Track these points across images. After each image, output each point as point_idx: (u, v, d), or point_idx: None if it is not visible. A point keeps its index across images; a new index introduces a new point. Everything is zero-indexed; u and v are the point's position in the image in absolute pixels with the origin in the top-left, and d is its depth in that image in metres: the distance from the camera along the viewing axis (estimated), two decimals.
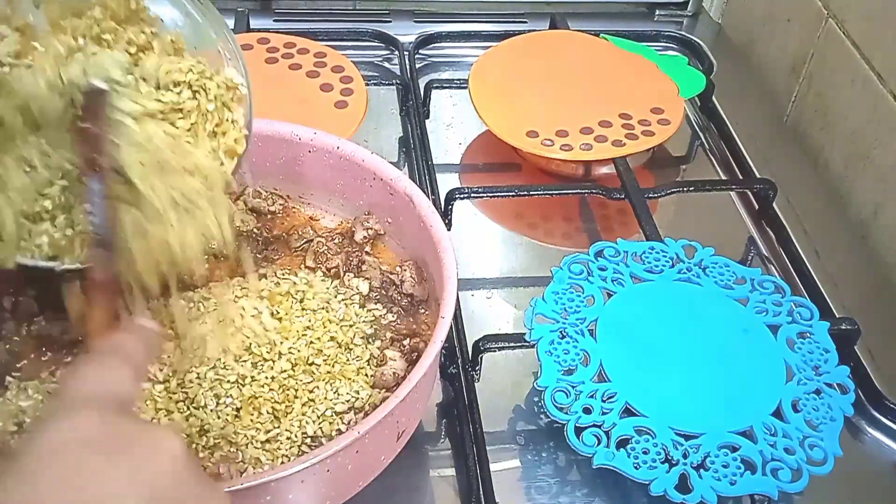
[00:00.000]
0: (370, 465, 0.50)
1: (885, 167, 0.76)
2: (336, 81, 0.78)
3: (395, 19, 0.96)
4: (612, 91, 0.81)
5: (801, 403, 0.54)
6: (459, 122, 0.85)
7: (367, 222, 0.63)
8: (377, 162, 0.61)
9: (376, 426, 0.45)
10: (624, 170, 0.75)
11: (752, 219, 0.78)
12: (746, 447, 0.52)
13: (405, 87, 0.85)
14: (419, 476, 0.56)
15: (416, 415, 0.53)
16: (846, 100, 0.81)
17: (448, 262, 0.54)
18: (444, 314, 0.51)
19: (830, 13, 0.84)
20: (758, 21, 0.97)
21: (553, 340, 0.57)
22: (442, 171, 0.77)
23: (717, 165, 0.84)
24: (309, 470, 0.44)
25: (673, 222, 0.77)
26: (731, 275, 0.62)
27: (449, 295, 0.52)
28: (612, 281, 0.61)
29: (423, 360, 0.48)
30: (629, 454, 0.51)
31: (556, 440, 0.58)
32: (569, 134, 0.76)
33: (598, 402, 0.53)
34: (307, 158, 0.63)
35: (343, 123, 0.73)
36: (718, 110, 0.88)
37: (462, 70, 0.88)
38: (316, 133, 0.62)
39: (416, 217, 0.58)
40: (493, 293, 0.69)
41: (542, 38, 0.90)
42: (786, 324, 0.59)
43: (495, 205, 0.76)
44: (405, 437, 0.51)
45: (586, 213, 0.78)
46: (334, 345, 0.55)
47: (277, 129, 0.63)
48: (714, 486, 0.50)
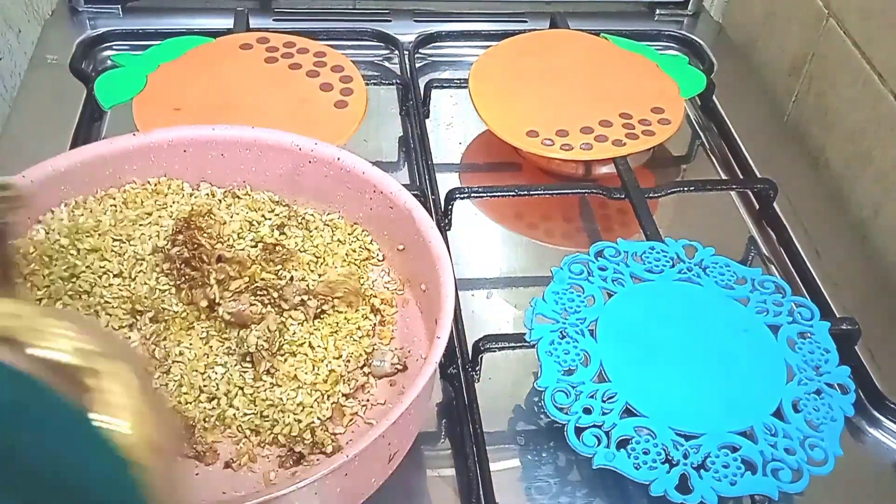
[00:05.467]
0: (360, 488, 0.49)
1: (886, 167, 0.75)
2: (336, 81, 0.78)
3: (395, 19, 0.96)
4: (612, 91, 0.81)
5: (802, 403, 0.54)
6: (459, 122, 0.85)
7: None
8: (378, 174, 0.60)
9: (366, 449, 0.44)
10: (624, 169, 0.74)
11: (752, 219, 0.78)
12: (747, 447, 0.52)
13: (405, 87, 0.85)
14: (419, 476, 0.55)
15: (410, 436, 0.52)
16: (846, 100, 0.81)
17: (446, 281, 0.53)
18: (439, 334, 0.50)
19: (831, 13, 0.84)
20: (758, 21, 0.97)
21: (553, 340, 0.57)
22: (442, 171, 0.77)
23: (717, 165, 0.84)
24: (296, 493, 0.43)
25: (673, 222, 0.77)
26: (731, 275, 0.62)
27: (446, 314, 0.51)
28: (612, 281, 0.61)
29: (417, 381, 0.47)
30: (629, 454, 0.51)
31: (556, 440, 0.58)
32: (569, 133, 0.75)
33: (599, 403, 0.53)
34: (307, 169, 0.63)
35: (343, 123, 0.73)
36: (719, 110, 0.88)
37: (462, 70, 0.88)
38: (317, 144, 0.62)
39: (415, 232, 0.57)
40: (493, 293, 0.68)
41: (542, 38, 0.89)
42: (786, 324, 0.59)
43: (495, 205, 0.76)
44: (397, 458, 0.50)
45: (586, 212, 0.78)
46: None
47: (278, 138, 0.63)
48: (714, 487, 0.50)
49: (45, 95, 0.82)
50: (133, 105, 0.73)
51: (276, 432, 0.51)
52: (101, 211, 0.60)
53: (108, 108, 0.75)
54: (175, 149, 0.63)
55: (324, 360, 0.55)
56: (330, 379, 0.54)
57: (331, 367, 0.54)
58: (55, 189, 0.60)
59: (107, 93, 0.75)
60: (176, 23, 0.89)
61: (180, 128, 0.63)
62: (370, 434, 0.45)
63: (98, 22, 0.90)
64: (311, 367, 0.54)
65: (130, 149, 0.62)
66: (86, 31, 0.89)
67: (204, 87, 0.76)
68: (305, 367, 0.54)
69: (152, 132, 0.63)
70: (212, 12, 0.92)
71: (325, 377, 0.54)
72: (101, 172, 0.62)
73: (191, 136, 0.63)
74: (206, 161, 0.64)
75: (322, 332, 0.56)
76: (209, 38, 0.82)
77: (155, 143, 0.63)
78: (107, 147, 0.62)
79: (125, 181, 0.63)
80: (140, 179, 0.63)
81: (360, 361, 0.56)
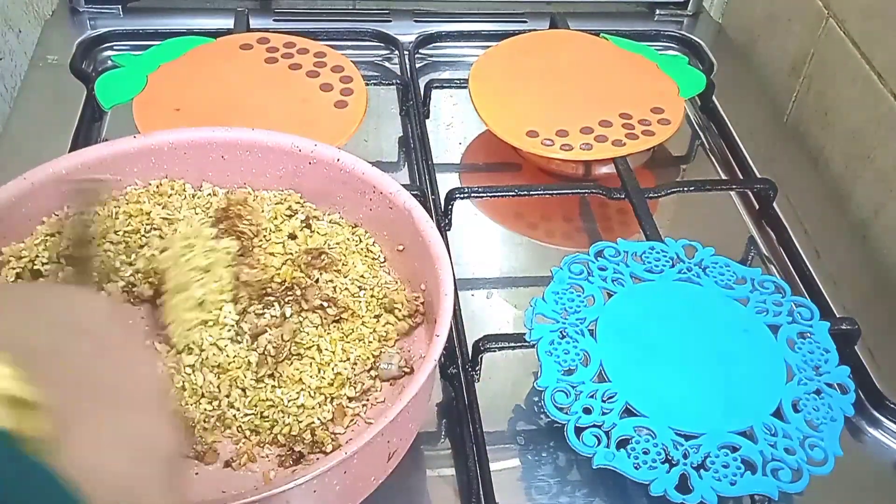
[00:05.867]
0: (359, 486, 0.49)
1: (886, 167, 0.75)
2: (336, 81, 0.78)
3: (395, 19, 0.96)
4: (612, 91, 0.81)
5: (802, 403, 0.54)
6: (459, 122, 0.85)
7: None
8: (377, 175, 0.60)
9: (365, 447, 0.44)
10: (624, 169, 0.74)
11: (752, 219, 0.78)
12: (747, 447, 0.52)
13: (405, 87, 0.85)
14: (418, 476, 0.56)
15: (409, 435, 0.52)
16: (846, 100, 0.81)
17: (445, 280, 0.53)
18: (438, 332, 0.50)
19: (831, 13, 0.84)
20: (758, 21, 0.97)
21: (553, 340, 0.57)
22: (442, 171, 0.77)
23: (717, 165, 0.84)
24: (294, 491, 0.43)
25: (673, 222, 0.77)
26: (731, 275, 0.62)
27: (445, 312, 0.51)
28: (612, 281, 0.61)
29: (416, 378, 0.47)
30: (629, 454, 0.51)
31: (556, 440, 0.58)
32: (569, 134, 0.75)
33: (598, 403, 0.53)
34: (307, 170, 0.63)
35: (343, 123, 0.73)
36: (719, 110, 0.88)
37: (462, 70, 0.88)
38: (317, 145, 0.62)
39: (414, 232, 0.57)
40: (493, 293, 0.68)
41: (542, 38, 0.90)
42: (786, 324, 0.59)
43: (495, 205, 0.76)
44: (397, 457, 0.50)
45: (586, 212, 0.78)
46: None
47: (278, 140, 0.63)
48: (714, 487, 0.50)
49: (45, 96, 0.82)
50: (133, 105, 0.73)
51: (276, 432, 0.51)
52: (107, 215, 0.60)
53: (108, 109, 0.75)
54: (176, 151, 0.63)
55: (330, 363, 0.54)
56: (336, 382, 0.53)
57: (337, 370, 0.54)
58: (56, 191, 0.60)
59: (107, 93, 0.75)
60: (176, 23, 0.90)
61: (181, 130, 0.63)
62: (368, 432, 0.45)
63: (98, 22, 0.91)
64: (317, 371, 0.54)
65: (131, 151, 0.62)
66: (86, 32, 0.89)
67: (204, 88, 0.76)
68: (311, 371, 0.53)
69: (153, 134, 0.63)
70: (212, 12, 0.92)
71: (331, 381, 0.53)
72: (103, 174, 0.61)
73: (191, 138, 0.63)
74: (206, 163, 0.64)
75: (332, 336, 0.55)
76: (209, 38, 0.82)
77: (156, 146, 0.63)
78: (108, 149, 0.62)
79: (126, 183, 0.63)
80: (141, 181, 0.63)
81: (368, 365, 0.55)
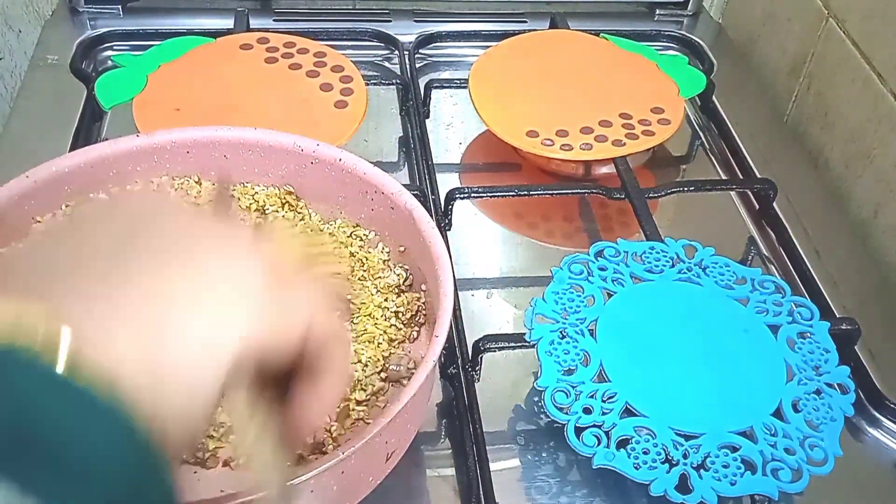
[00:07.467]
0: (357, 487, 0.49)
1: (886, 167, 0.75)
2: (336, 81, 0.78)
3: (395, 19, 0.96)
4: (612, 91, 0.81)
5: (802, 403, 0.54)
6: (459, 122, 0.85)
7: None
8: (379, 175, 0.60)
9: (363, 447, 0.44)
10: (624, 169, 0.74)
11: (752, 219, 0.78)
12: (747, 447, 0.52)
13: (405, 87, 0.85)
14: (418, 476, 0.56)
15: (408, 435, 0.51)
16: (846, 100, 0.81)
17: (445, 281, 0.53)
18: (438, 333, 0.50)
19: (831, 13, 0.84)
20: (758, 21, 0.97)
21: (553, 340, 0.57)
22: (442, 171, 0.77)
23: (717, 165, 0.84)
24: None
25: (673, 222, 0.77)
26: (731, 275, 0.62)
27: (444, 313, 0.51)
28: (612, 281, 0.61)
29: (415, 378, 0.47)
30: (629, 454, 0.51)
31: (556, 440, 0.58)
32: (569, 134, 0.75)
33: (598, 403, 0.53)
34: (309, 170, 0.63)
35: (343, 123, 0.73)
36: (718, 110, 0.88)
37: (462, 70, 0.88)
38: (319, 145, 0.62)
39: (416, 232, 0.57)
40: (493, 293, 0.68)
41: (542, 38, 0.90)
42: (786, 324, 0.59)
43: (495, 205, 0.76)
44: (395, 457, 0.50)
45: (586, 213, 0.78)
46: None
47: (281, 140, 0.63)
48: (714, 487, 0.50)
49: (45, 96, 0.82)
50: (133, 105, 0.73)
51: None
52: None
53: (108, 109, 0.75)
54: (178, 150, 0.63)
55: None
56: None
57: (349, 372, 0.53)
58: (58, 189, 0.60)
59: (107, 93, 0.75)
60: (176, 23, 0.90)
61: (184, 129, 0.63)
62: (366, 432, 0.45)
63: (98, 22, 0.91)
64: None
65: (134, 149, 0.62)
66: (86, 32, 0.89)
67: (204, 88, 0.76)
68: None
69: (155, 133, 0.63)
70: (212, 12, 0.92)
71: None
72: (105, 173, 0.61)
73: (194, 137, 0.63)
74: (209, 162, 0.64)
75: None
76: (209, 38, 0.82)
77: (158, 145, 0.62)
78: (110, 148, 0.62)
79: (128, 182, 0.63)
80: (143, 180, 0.63)
81: (378, 367, 0.55)
